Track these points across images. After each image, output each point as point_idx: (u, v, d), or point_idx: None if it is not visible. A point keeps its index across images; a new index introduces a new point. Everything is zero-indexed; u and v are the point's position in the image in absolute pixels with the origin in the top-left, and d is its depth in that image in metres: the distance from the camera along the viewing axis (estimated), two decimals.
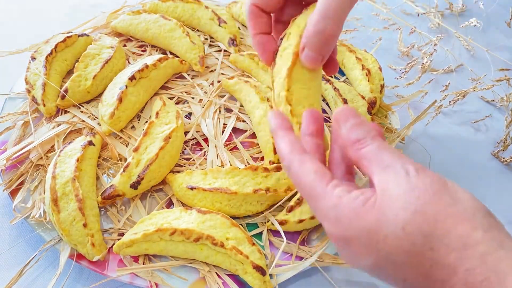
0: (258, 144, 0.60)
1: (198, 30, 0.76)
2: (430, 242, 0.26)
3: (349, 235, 0.29)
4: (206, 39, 0.75)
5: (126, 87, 0.59)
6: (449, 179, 0.29)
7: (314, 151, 0.35)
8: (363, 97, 0.63)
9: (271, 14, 0.43)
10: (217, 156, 0.59)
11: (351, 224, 0.29)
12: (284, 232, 0.50)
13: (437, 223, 0.26)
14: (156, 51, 0.73)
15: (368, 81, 0.65)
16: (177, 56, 0.69)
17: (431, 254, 0.27)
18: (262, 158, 0.59)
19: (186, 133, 0.61)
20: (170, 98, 0.65)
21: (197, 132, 0.62)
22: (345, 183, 0.31)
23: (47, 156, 0.57)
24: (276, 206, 0.52)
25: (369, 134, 0.32)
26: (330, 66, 0.43)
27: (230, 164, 0.57)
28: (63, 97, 0.60)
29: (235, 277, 0.48)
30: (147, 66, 0.62)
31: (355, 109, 0.34)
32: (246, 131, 0.62)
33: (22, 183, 0.54)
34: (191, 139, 0.61)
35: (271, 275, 0.48)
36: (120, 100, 0.58)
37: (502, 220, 0.28)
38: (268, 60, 0.42)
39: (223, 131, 0.62)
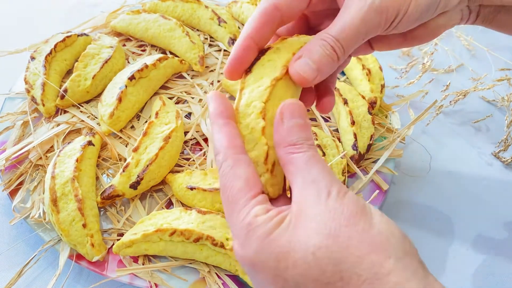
0: None
1: (198, 30, 0.76)
2: (341, 271, 0.25)
3: (257, 260, 0.27)
4: (206, 38, 0.75)
5: (126, 87, 0.59)
6: (371, 205, 0.28)
7: None
8: (363, 97, 0.62)
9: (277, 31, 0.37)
10: None
11: (261, 248, 0.27)
12: None
13: (349, 249, 0.25)
14: (156, 50, 0.72)
15: (369, 80, 0.65)
16: (177, 56, 0.69)
17: (341, 285, 0.25)
18: None
19: (186, 133, 0.61)
20: (170, 98, 0.65)
21: (197, 132, 0.62)
22: (269, 202, 0.29)
23: (46, 156, 0.57)
24: None
25: (307, 141, 0.30)
26: (325, 102, 0.38)
27: None
28: (62, 97, 0.60)
29: (235, 278, 0.48)
30: (146, 66, 0.62)
31: (303, 105, 0.31)
32: None
33: (21, 183, 0.54)
34: (191, 139, 0.61)
35: None
36: (120, 100, 0.58)
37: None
38: (232, 72, 0.34)
39: None
